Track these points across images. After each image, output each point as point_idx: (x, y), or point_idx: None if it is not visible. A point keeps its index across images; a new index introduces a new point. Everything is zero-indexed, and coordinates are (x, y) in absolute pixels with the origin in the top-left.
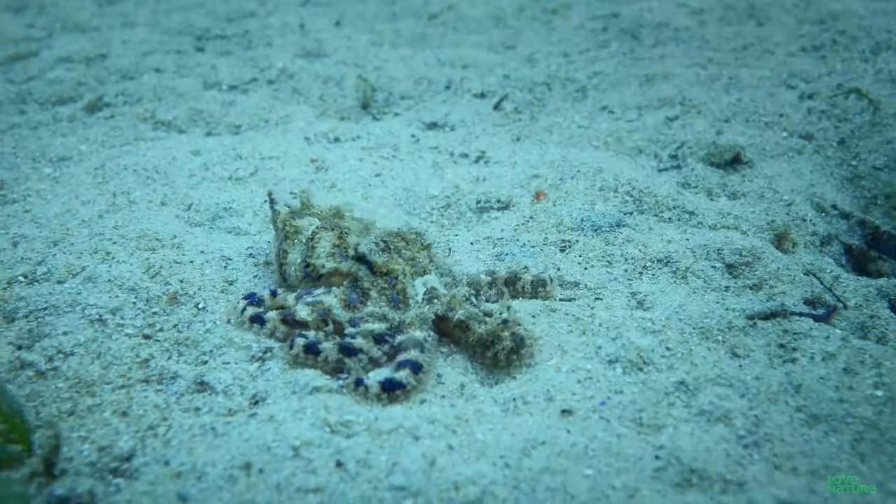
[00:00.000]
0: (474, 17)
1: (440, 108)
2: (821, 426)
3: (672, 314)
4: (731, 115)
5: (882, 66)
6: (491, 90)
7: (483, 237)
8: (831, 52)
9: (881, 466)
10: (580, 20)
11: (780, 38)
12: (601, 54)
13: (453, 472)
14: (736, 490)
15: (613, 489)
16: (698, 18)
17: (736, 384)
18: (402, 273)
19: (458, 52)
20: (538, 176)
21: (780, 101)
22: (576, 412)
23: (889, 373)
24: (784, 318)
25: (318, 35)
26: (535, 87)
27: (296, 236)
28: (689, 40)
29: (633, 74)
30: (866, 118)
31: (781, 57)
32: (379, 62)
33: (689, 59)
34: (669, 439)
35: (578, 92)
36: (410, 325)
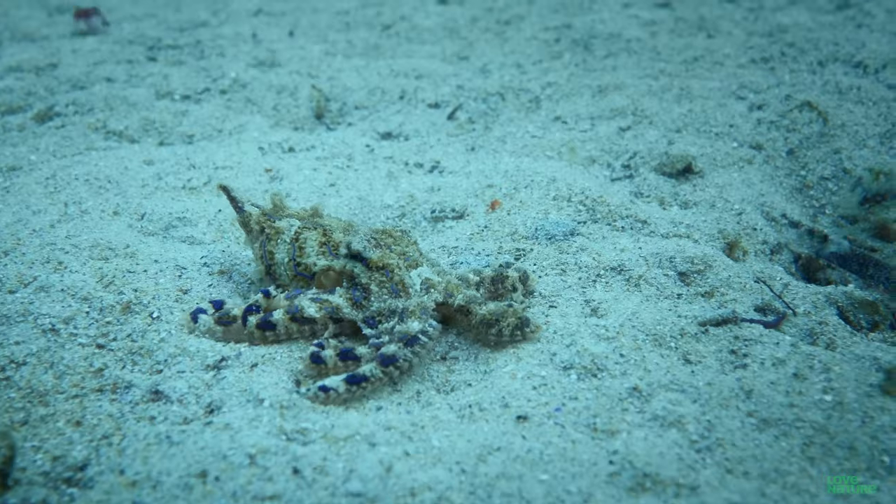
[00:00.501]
0: (427, 27)
1: (394, 118)
2: (771, 430)
3: (625, 321)
4: (683, 126)
5: (829, 78)
6: (445, 100)
7: (438, 246)
8: (780, 63)
9: (830, 470)
10: (533, 31)
11: (730, 49)
12: (554, 65)
13: (410, 478)
14: (689, 494)
15: (568, 494)
16: (650, 30)
17: (688, 390)
18: (397, 266)
19: (412, 62)
20: (492, 185)
21: (730, 111)
22: (531, 418)
23: (837, 378)
24: (735, 324)
25: (271, 45)
26: (488, 97)
27: (278, 237)
28: (641, 51)
29: (586, 85)
30: (815, 129)
31: (731, 68)
32: (333, 72)
33: (641, 70)
34: (623, 444)
35: (532, 102)
36: (412, 314)
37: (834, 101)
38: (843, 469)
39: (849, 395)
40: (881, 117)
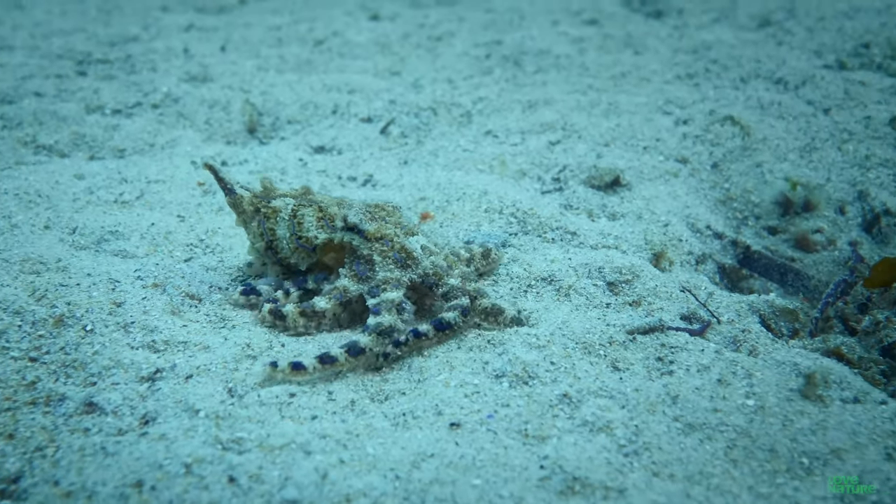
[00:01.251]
0: (360, 43)
1: (327, 132)
2: (696, 434)
3: (556, 330)
4: (611, 140)
5: (751, 94)
6: (377, 115)
7: None
8: (704, 79)
9: (752, 471)
10: (464, 47)
11: (656, 66)
12: (485, 80)
13: (345, 484)
14: (616, 496)
15: (500, 498)
16: (578, 46)
17: (617, 396)
18: (395, 235)
19: (345, 77)
20: (425, 198)
21: (656, 126)
22: (464, 425)
23: (759, 383)
24: (662, 332)
25: (203, 60)
26: (420, 111)
27: (276, 216)
28: (570, 67)
29: (517, 100)
30: (737, 143)
31: (658, 84)
32: (265, 87)
33: (570, 86)
34: (553, 449)
35: (463, 117)
36: (438, 277)
37: (756, 115)
38: (765, 471)
39: (770, 399)
40: (801, 132)
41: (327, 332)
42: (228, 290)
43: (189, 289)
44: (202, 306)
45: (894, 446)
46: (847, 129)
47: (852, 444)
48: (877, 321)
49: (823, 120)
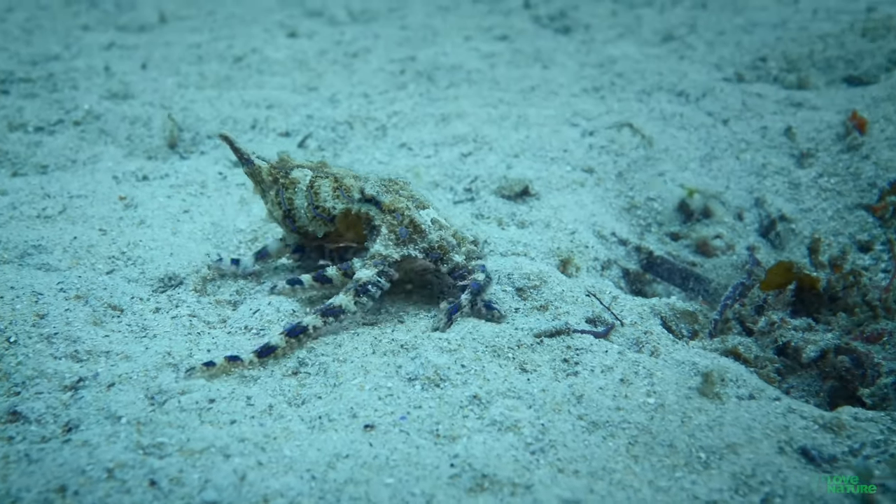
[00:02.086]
0: (278, 59)
1: (247, 146)
2: (600, 432)
3: (466, 334)
4: (521, 151)
5: (654, 106)
6: (295, 129)
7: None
8: (610, 92)
9: (652, 467)
10: (379, 63)
11: (563, 80)
12: (400, 95)
13: (263, 486)
14: (523, 492)
15: (413, 496)
16: (489, 62)
17: (524, 396)
18: (406, 208)
19: (263, 93)
20: None
21: (564, 137)
22: (378, 427)
23: (660, 382)
24: (568, 335)
25: (124, 77)
26: (337, 125)
27: (294, 186)
28: (482, 82)
29: (430, 113)
30: (641, 153)
31: (565, 97)
32: (185, 103)
33: (482, 100)
34: (464, 448)
35: (379, 130)
36: (442, 249)
37: (659, 126)
38: (664, 465)
39: (670, 397)
40: (701, 142)
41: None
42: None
43: (111, 300)
44: (124, 317)
45: (787, 440)
46: (745, 139)
47: (747, 439)
48: (772, 322)
49: (722, 130)
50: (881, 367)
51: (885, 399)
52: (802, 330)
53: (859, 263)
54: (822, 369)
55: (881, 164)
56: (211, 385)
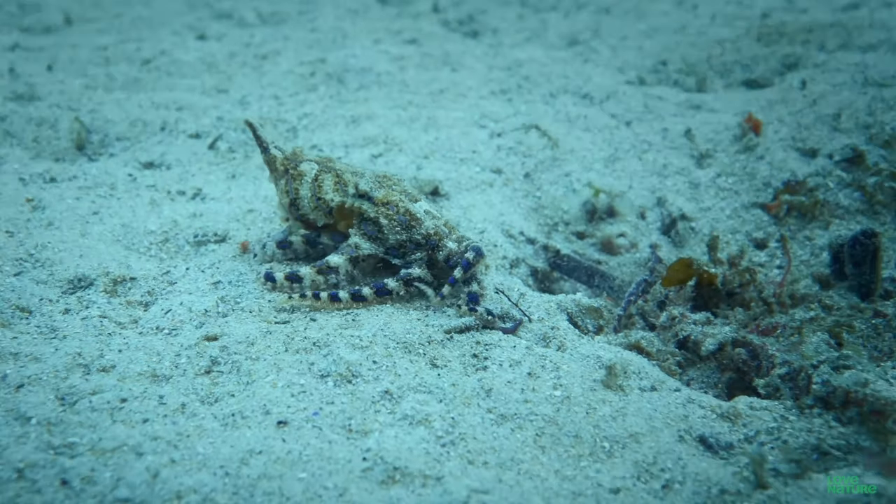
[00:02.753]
0: (187, 62)
1: (156, 148)
2: (508, 424)
3: (378, 332)
4: (430, 152)
5: (560, 108)
6: (206, 131)
7: (201, 269)
8: (517, 95)
9: (558, 456)
10: (289, 65)
11: (472, 82)
12: (310, 97)
13: (176, 482)
14: (434, 484)
15: (325, 489)
16: (399, 64)
17: (435, 391)
18: (399, 200)
19: (173, 95)
20: (253, 210)
21: (473, 139)
22: (291, 423)
23: (566, 375)
24: (477, 331)
25: (29, 79)
26: (248, 128)
27: (301, 178)
28: (391, 84)
29: (340, 115)
30: (548, 154)
31: (474, 99)
32: (94, 105)
33: (392, 102)
34: (376, 442)
35: (289, 132)
36: (437, 236)
37: (564, 128)
38: (570, 455)
39: (575, 390)
40: (605, 143)
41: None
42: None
43: (19, 302)
44: (32, 318)
45: (686, 429)
46: (647, 141)
47: (649, 429)
48: (673, 316)
49: (625, 132)
50: (775, 359)
51: (778, 389)
52: (702, 324)
53: (755, 260)
54: (721, 361)
55: (775, 164)
56: (122, 385)
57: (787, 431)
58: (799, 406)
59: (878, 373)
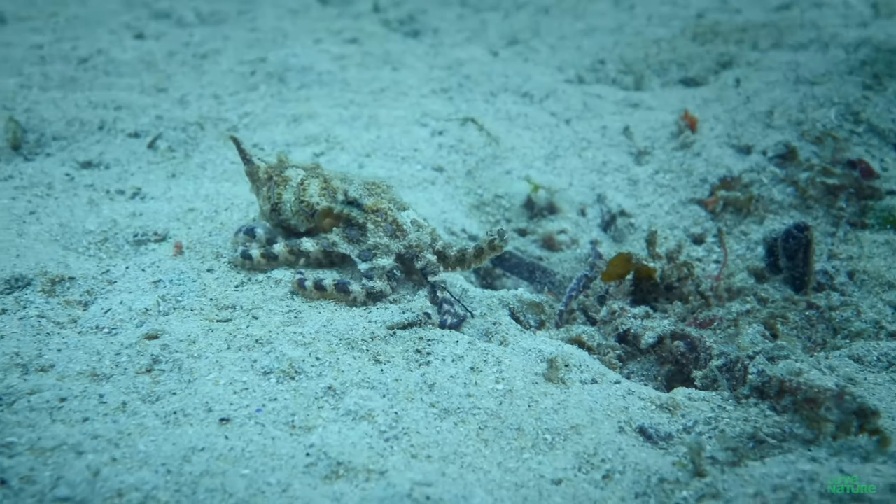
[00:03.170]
0: (125, 61)
1: (94, 147)
2: (451, 418)
3: (321, 328)
4: (372, 151)
5: (501, 106)
6: (145, 130)
7: (141, 268)
8: (458, 94)
9: (501, 449)
10: (229, 65)
11: (413, 81)
12: (251, 96)
13: (117, 480)
14: (378, 478)
15: (269, 485)
16: (340, 64)
17: (378, 386)
18: (388, 209)
19: (111, 94)
20: (194, 209)
21: (414, 137)
22: (233, 420)
23: (508, 369)
24: (420, 327)
25: None
26: (188, 126)
27: (285, 183)
28: (332, 83)
29: (282, 114)
30: (488, 151)
31: (415, 98)
32: (29, 104)
33: (333, 101)
34: (319, 438)
35: (230, 131)
36: (420, 248)
37: (505, 126)
38: (513, 448)
39: (517, 383)
40: (545, 140)
41: None
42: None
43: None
44: None
45: (626, 420)
46: (586, 138)
47: (590, 420)
48: (613, 311)
49: (565, 130)
50: (712, 351)
51: (715, 381)
52: (641, 318)
53: (693, 255)
54: (660, 354)
55: (711, 160)
56: (62, 384)
57: (724, 421)
58: (735, 396)
59: (811, 362)
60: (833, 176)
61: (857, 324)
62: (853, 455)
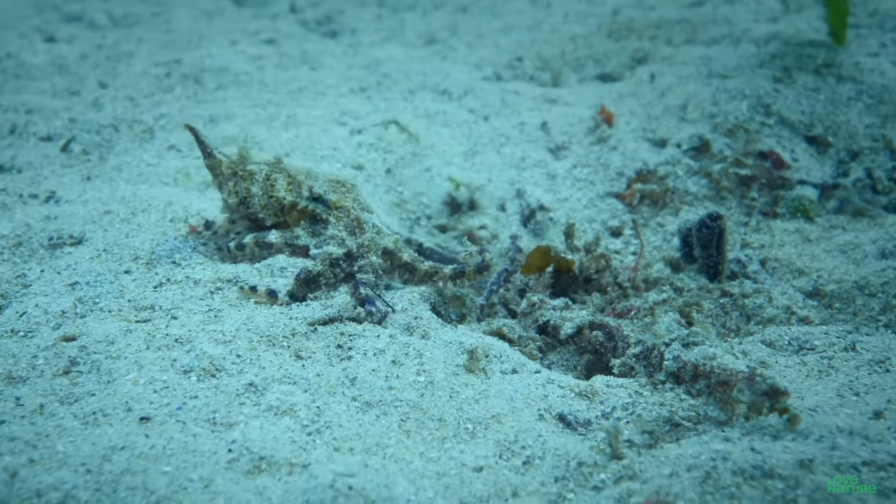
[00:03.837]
0: (35, 64)
1: (5, 151)
2: (373, 411)
3: (241, 326)
4: (291, 150)
5: (419, 104)
6: (58, 133)
7: (56, 271)
8: (376, 92)
9: (423, 440)
10: (144, 67)
11: (331, 81)
12: (166, 98)
13: (35, 481)
14: (301, 471)
15: (191, 481)
16: (257, 64)
17: (300, 381)
18: (352, 207)
19: (21, 97)
20: (110, 212)
21: (333, 136)
22: (154, 418)
23: (429, 361)
24: (341, 322)
25: None
26: (102, 129)
27: (251, 177)
28: (249, 83)
29: (198, 115)
30: (408, 149)
31: (333, 98)
32: None
33: (250, 101)
34: (241, 434)
35: (146, 133)
36: (368, 249)
37: (424, 124)
38: (434, 438)
39: (438, 375)
40: (464, 137)
41: None
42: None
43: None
44: None
45: (546, 408)
46: (504, 134)
47: (510, 409)
48: (532, 303)
49: (484, 126)
50: (630, 339)
51: (633, 368)
52: (560, 309)
53: (612, 248)
54: (579, 344)
55: (627, 154)
56: None
57: (641, 406)
58: (652, 382)
59: (725, 348)
60: (745, 167)
61: (770, 310)
62: (764, 434)
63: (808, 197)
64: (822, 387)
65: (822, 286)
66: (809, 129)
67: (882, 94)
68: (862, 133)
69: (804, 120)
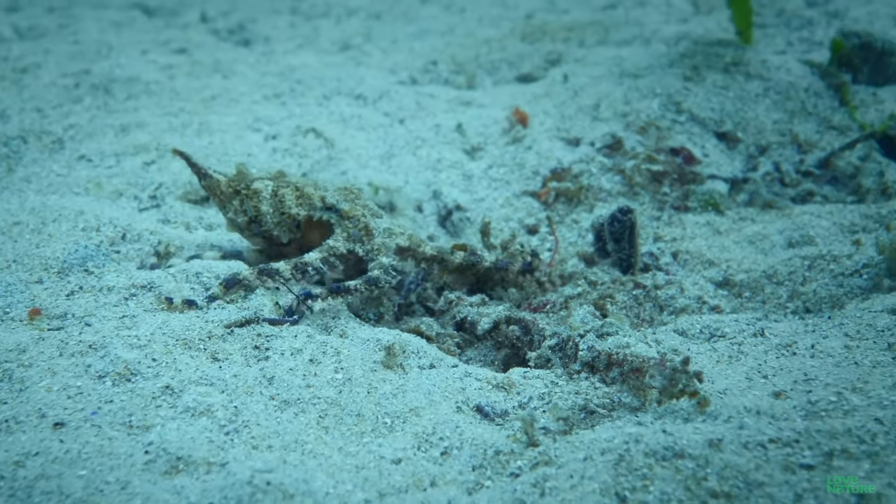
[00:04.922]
0: None
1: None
2: (291, 409)
3: (156, 330)
4: (204, 157)
5: (334, 109)
6: None
7: None
8: (290, 98)
9: (342, 435)
10: (52, 78)
11: (244, 88)
12: (75, 108)
13: None
14: (219, 469)
15: (107, 484)
16: (168, 73)
17: (217, 382)
18: (362, 215)
19: None
20: (19, 223)
21: (247, 142)
22: (68, 424)
23: (347, 359)
24: (258, 324)
25: None
26: (9, 140)
27: (257, 196)
28: (161, 92)
29: (109, 125)
30: (324, 153)
31: (247, 104)
32: None
33: (162, 110)
34: (158, 435)
35: (55, 143)
36: (378, 252)
37: (339, 128)
38: (353, 433)
39: (356, 371)
40: (380, 140)
41: None
42: None
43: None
44: None
45: (464, 400)
46: (420, 137)
47: (428, 402)
48: (449, 300)
49: (399, 129)
50: (545, 332)
51: (549, 360)
52: (477, 305)
53: (529, 245)
54: (496, 339)
55: (542, 153)
56: None
57: (556, 395)
58: (568, 372)
59: (638, 337)
60: (657, 163)
61: (682, 300)
62: (676, 417)
63: (718, 191)
64: (731, 371)
65: (731, 276)
66: (719, 125)
67: (789, 90)
68: (770, 128)
69: (714, 117)
